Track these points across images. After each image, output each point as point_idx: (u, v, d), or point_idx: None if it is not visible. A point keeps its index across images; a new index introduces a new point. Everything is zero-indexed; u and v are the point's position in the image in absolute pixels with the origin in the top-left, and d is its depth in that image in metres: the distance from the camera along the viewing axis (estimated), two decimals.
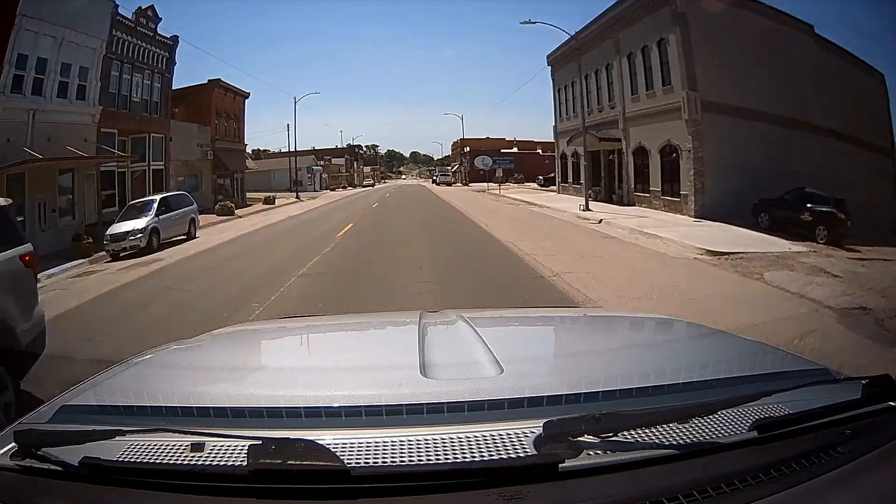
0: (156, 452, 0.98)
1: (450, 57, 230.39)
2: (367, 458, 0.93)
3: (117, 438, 0.99)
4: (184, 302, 8.10)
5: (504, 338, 1.79)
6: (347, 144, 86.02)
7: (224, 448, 0.97)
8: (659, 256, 10.26)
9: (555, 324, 2.20)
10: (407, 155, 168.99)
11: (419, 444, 0.96)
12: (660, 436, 0.96)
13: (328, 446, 0.91)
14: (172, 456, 0.97)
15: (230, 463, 0.93)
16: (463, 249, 11.95)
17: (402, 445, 0.96)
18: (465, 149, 70.06)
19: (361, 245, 13.26)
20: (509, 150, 65.92)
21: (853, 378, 1.12)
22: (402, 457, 0.93)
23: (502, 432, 0.98)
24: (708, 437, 0.97)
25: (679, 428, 0.98)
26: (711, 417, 1.00)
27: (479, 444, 0.95)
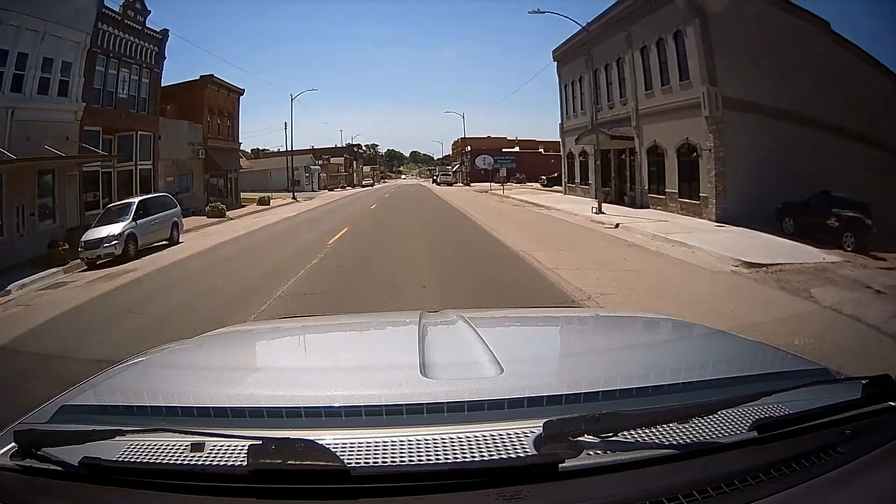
0: (156, 452, 1.00)
1: (450, 57, 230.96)
2: (367, 458, 0.95)
3: (117, 438, 1.01)
4: (134, 332, 7.04)
5: (504, 338, 1.81)
6: (347, 144, 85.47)
7: (224, 448, 0.99)
8: (695, 270, 9.36)
9: (555, 324, 2.23)
10: (407, 154, 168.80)
11: (419, 444, 0.98)
12: (660, 436, 0.97)
13: (328, 446, 0.93)
14: (172, 456, 0.99)
15: (230, 463, 0.95)
16: (474, 262, 10.85)
17: (402, 445, 0.97)
18: (467, 148, 69.50)
19: (354, 256, 12.11)
20: (511, 150, 65.50)
21: (853, 378, 1.14)
22: (402, 457, 0.95)
23: (502, 432, 1.00)
24: (708, 437, 0.99)
25: (679, 428, 0.99)
26: (711, 417, 1.01)
27: (479, 444, 0.97)
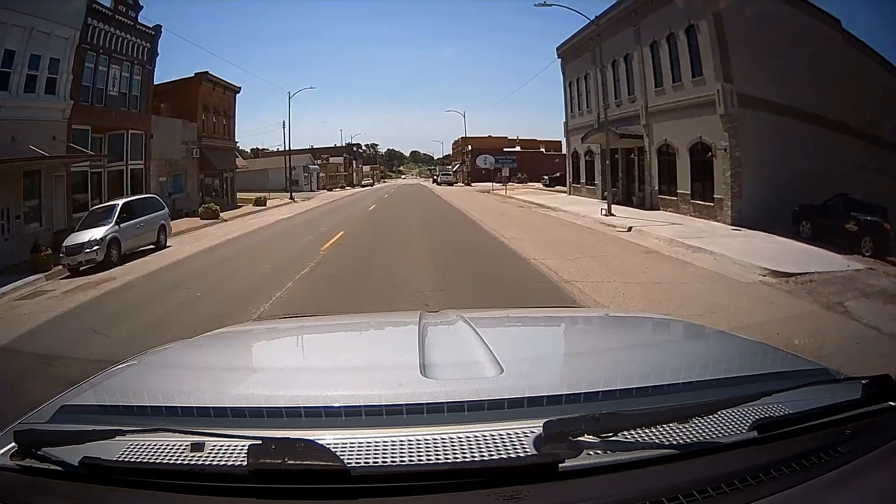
0: (156, 452, 1.02)
1: (450, 57, 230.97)
2: (367, 458, 0.96)
3: (117, 438, 1.03)
4: (94, 361, 6.03)
5: (504, 338, 1.82)
6: (346, 143, 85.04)
7: (224, 448, 1.00)
8: (724, 282, 8.79)
9: (555, 324, 2.23)
10: (407, 154, 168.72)
11: (419, 444, 0.99)
12: (660, 436, 0.99)
13: (328, 446, 0.95)
14: (172, 456, 1.00)
15: (230, 463, 0.97)
16: (483, 273, 9.85)
17: (402, 445, 0.99)
18: (467, 147, 69.09)
19: (348, 265, 11.23)
20: (512, 149, 65.31)
21: (853, 378, 1.15)
22: (402, 457, 0.96)
23: (502, 432, 1.01)
24: (708, 437, 1.00)
25: (679, 428, 1.01)
26: (711, 417, 1.03)
27: (479, 444, 0.98)
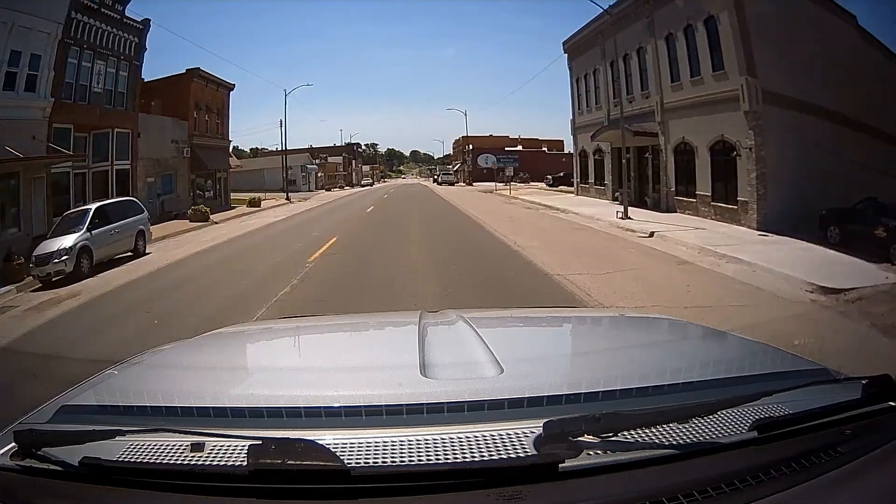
0: (156, 452, 1.03)
1: (450, 56, 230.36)
2: (367, 458, 0.97)
3: (117, 438, 1.04)
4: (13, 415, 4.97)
5: (504, 338, 1.84)
6: (346, 143, 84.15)
7: (224, 448, 1.01)
8: (774, 301, 7.77)
9: (555, 324, 2.25)
10: (407, 154, 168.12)
11: (419, 444, 1.00)
12: (660, 436, 1.00)
13: (328, 446, 0.96)
14: (172, 456, 1.01)
15: (230, 463, 0.98)
16: (499, 292, 8.37)
17: (402, 445, 1.00)
18: (468, 146, 68.28)
19: (338, 281, 9.77)
20: (513, 149, 64.52)
21: (853, 378, 1.16)
22: (402, 457, 0.97)
23: (502, 432, 1.02)
24: (708, 437, 1.01)
25: (679, 428, 1.02)
26: (711, 417, 1.04)
27: (479, 444, 1.00)
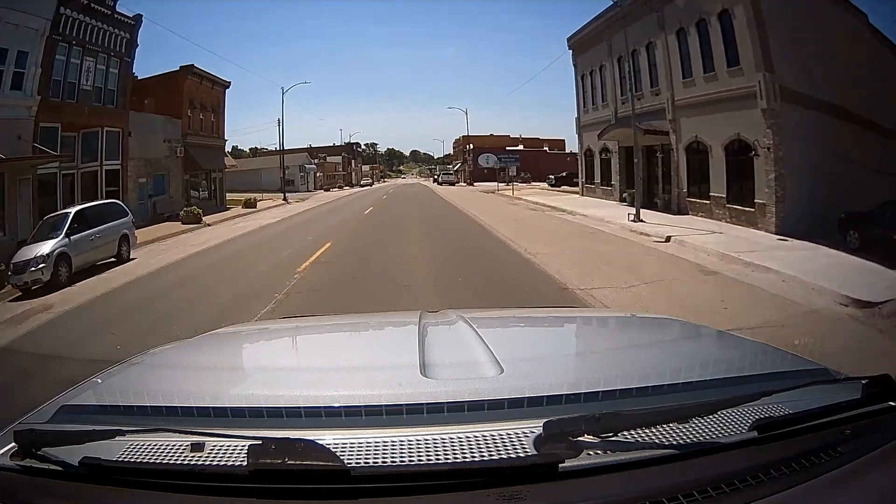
0: (156, 452, 1.04)
1: (450, 56, 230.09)
2: (367, 458, 0.98)
3: (117, 438, 1.05)
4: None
5: (504, 338, 1.85)
6: (345, 143, 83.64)
7: (224, 448, 1.02)
8: (814, 318, 6.88)
9: (555, 324, 2.27)
10: (407, 153, 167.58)
11: (419, 444, 1.01)
12: (660, 436, 1.01)
13: (328, 446, 0.97)
14: (172, 456, 1.02)
15: (230, 463, 0.99)
16: (512, 305, 7.24)
17: (402, 445, 1.01)
18: (469, 146, 67.63)
19: (328, 296, 8.89)
20: (514, 148, 63.94)
21: (853, 378, 1.17)
22: (402, 457, 0.98)
23: (502, 432, 1.03)
24: (708, 437, 1.02)
25: (679, 428, 1.03)
26: (711, 417, 1.05)
27: (479, 444, 1.00)
